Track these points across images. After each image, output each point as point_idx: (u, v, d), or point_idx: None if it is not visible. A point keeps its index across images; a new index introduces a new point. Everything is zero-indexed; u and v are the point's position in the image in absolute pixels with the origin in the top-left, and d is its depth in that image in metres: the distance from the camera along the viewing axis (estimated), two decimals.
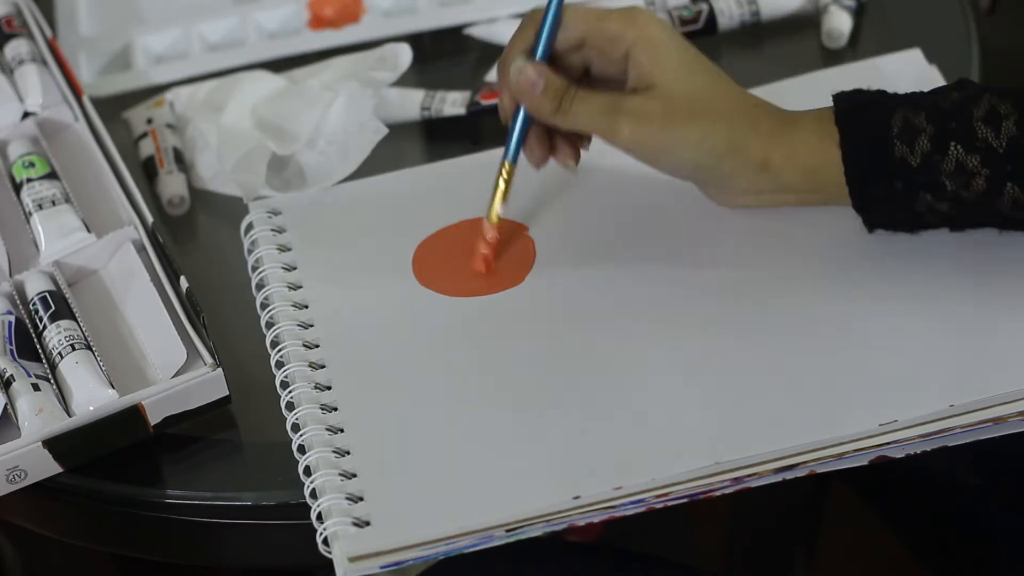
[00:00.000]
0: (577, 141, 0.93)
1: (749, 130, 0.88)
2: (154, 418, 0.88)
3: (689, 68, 0.89)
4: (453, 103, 1.05)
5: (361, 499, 0.84)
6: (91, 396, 0.88)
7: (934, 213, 0.87)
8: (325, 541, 0.83)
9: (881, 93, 0.88)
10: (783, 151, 0.88)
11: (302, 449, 0.87)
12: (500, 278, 0.94)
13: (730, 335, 0.89)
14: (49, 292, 0.93)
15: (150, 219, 0.96)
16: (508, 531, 0.82)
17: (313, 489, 0.85)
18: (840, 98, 0.88)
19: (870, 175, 0.87)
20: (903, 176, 0.86)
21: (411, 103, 1.06)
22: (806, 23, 1.09)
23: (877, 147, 0.86)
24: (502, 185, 0.93)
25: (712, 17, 1.09)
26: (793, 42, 1.09)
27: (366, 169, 1.01)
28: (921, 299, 0.89)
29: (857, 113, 0.87)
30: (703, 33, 1.09)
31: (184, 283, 0.92)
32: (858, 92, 0.89)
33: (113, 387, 0.88)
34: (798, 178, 0.89)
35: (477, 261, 0.94)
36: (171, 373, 0.89)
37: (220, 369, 0.89)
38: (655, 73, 0.89)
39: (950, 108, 0.86)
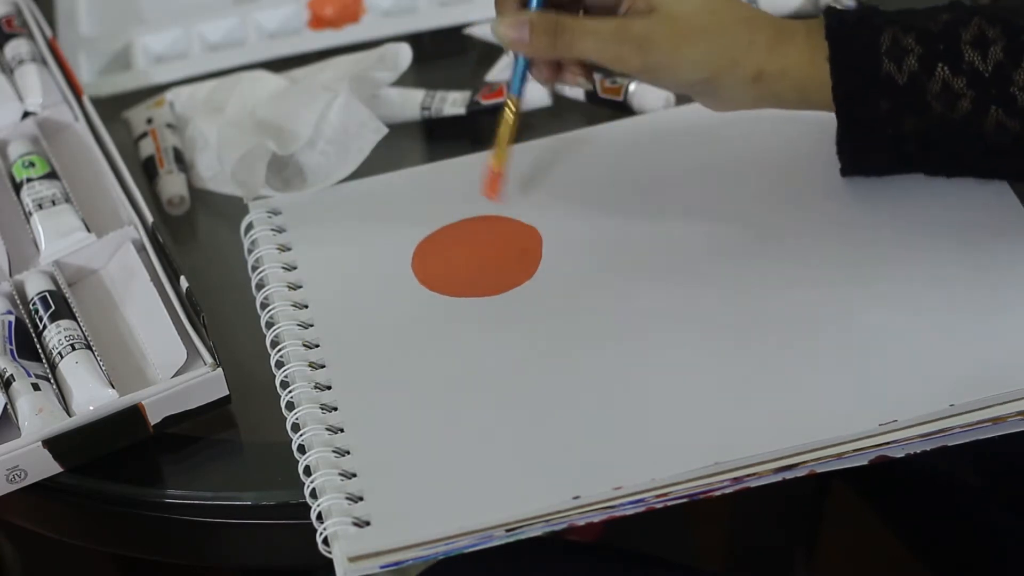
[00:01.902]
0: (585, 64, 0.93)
1: (746, 45, 0.89)
2: (154, 418, 0.89)
3: None
4: (453, 103, 1.05)
5: (361, 499, 0.84)
6: (91, 396, 0.88)
7: (917, 139, 0.88)
8: (325, 541, 0.83)
9: (872, 10, 0.89)
10: (777, 64, 0.89)
11: (302, 449, 0.87)
12: (501, 278, 0.94)
13: (731, 335, 0.89)
14: (49, 292, 0.93)
15: (150, 219, 0.96)
16: (508, 531, 0.82)
17: (313, 489, 0.85)
18: (830, 14, 0.89)
19: (857, 92, 0.88)
20: (890, 95, 0.87)
21: (411, 103, 1.06)
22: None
23: (865, 65, 0.87)
24: (509, 117, 0.94)
25: None
26: None
27: (366, 169, 1.01)
28: (921, 299, 0.89)
29: (847, 30, 0.88)
30: None
31: (184, 283, 0.92)
32: (847, 10, 0.89)
33: (113, 387, 0.88)
34: (789, 91, 0.90)
35: (488, 187, 0.96)
36: (171, 373, 0.89)
37: (220, 369, 0.89)
38: None
39: (939, 30, 0.87)
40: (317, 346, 0.92)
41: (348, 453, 0.86)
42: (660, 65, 0.89)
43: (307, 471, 0.85)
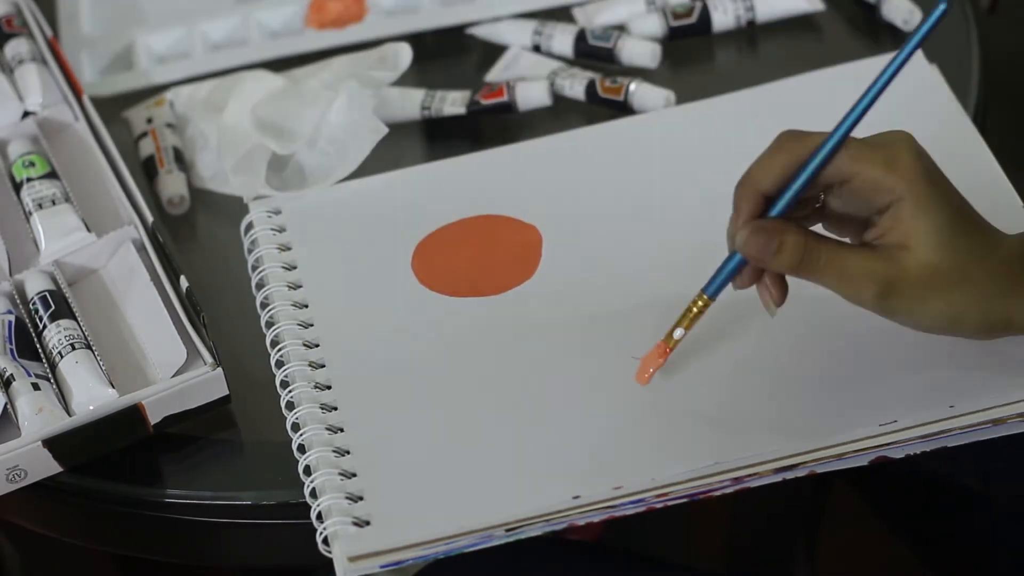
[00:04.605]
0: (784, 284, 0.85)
1: (1000, 299, 0.82)
2: (154, 417, 0.89)
3: (951, 230, 0.81)
4: (453, 103, 1.05)
5: (361, 499, 0.84)
6: (91, 395, 0.88)
7: None
8: (325, 540, 0.83)
9: None
10: None
11: (302, 449, 0.87)
12: (501, 278, 0.94)
13: (731, 336, 0.89)
14: (49, 291, 0.93)
15: (150, 218, 0.96)
16: (508, 531, 0.82)
17: (313, 488, 0.85)
18: None
19: None
20: None
21: (411, 103, 1.06)
22: (804, 21, 1.09)
23: None
24: (693, 311, 0.85)
25: (706, 12, 1.09)
26: (791, 41, 1.09)
27: (366, 169, 1.01)
28: None
29: None
30: (697, 29, 1.09)
31: (184, 283, 0.92)
32: None
33: (113, 386, 0.88)
34: None
35: (641, 372, 0.87)
36: (171, 372, 0.89)
37: (220, 368, 0.89)
38: (914, 234, 0.80)
39: None
40: (317, 346, 0.92)
41: (348, 453, 0.86)
42: (900, 311, 0.82)
43: (307, 471, 0.86)
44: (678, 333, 0.86)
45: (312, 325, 0.93)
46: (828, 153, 0.81)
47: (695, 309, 0.86)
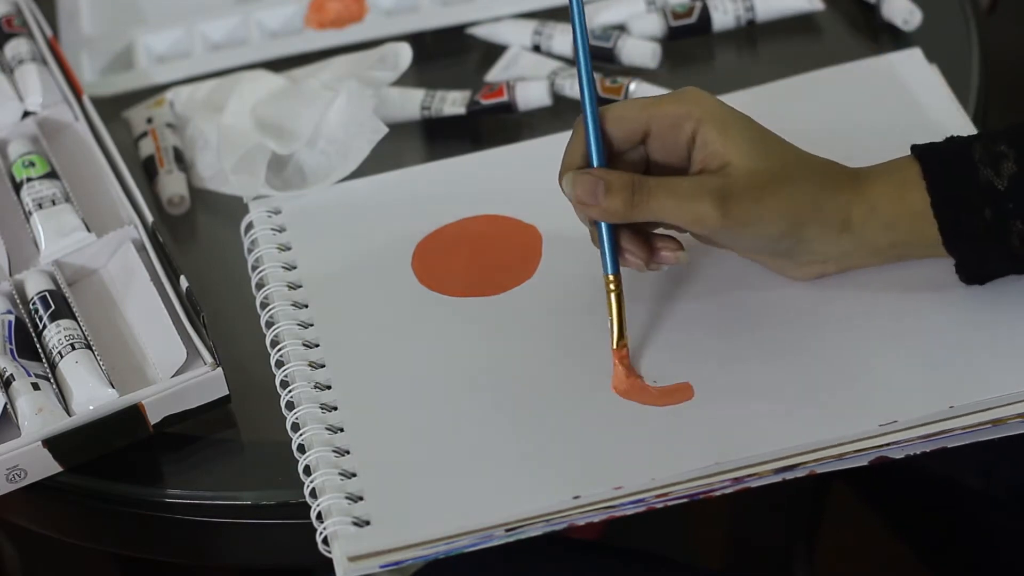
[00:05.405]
0: (669, 234, 0.87)
1: (828, 191, 0.85)
2: (154, 417, 0.89)
3: (759, 140, 0.85)
4: (453, 103, 1.05)
5: (361, 499, 0.84)
6: (91, 395, 0.88)
7: None
8: (325, 540, 0.83)
9: (954, 136, 0.86)
10: (862, 207, 0.85)
11: (302, 448, 0.87)
12: (501, 278, 0.94)
13: (730, 336, 0.89)
14: (49, 291, 0.93)
15: (150, 218, 0.96)
16: (508, 531, 0.82)
17: (313, 488, 0.85)
18: (915, 146, 0.86)
19: (957, 207, 0.84)
20: (992, 203, 0.83)
21: (411, 103, 1.06)
22: (804, 21, 1.09)
23: (961, 176, 0.84)
24: (613, 301, 0.87)
25: (706, 12, 1.09)
26: (791, 41, 1.09)
27: (366, 169, 1.01)
28: (921, 299, 0.89)
29: (935, 149, 0.85)
30: (697, 29, 1.09)
31: (184, 283, 0.92)
32: (932, 143, 0.86)
33: (113, 386, 0.88)
34: (879, 231, 0.86)
35: (617, 377, 0.87)
36: (171, 372, 0.89)
37: (220, 368, 0.89)
38: (728, 149, 0.84)
39: None
40: (317, 346, 0.92)
41: (348, 453, 0.86)
42: (742, 218, 0.83)
43: (307, 471, 0.86)
44: (617, 330, 0.87)
45: (312, 325, 0.93)
46: (589, 86, 0.85)
47: (612, 295, 0.87)
